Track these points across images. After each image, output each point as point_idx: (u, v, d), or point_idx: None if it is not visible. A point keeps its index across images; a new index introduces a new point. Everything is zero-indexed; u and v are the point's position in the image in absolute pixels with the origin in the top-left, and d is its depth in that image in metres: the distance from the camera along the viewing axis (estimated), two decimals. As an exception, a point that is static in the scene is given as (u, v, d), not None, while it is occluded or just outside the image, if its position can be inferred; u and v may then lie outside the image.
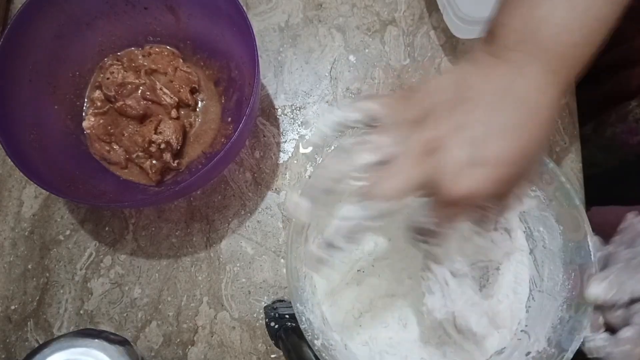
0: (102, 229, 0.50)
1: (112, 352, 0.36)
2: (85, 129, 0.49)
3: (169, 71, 0.50)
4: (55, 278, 0.49)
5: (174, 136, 0.47)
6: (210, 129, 0.51)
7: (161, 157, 0.47)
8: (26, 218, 0.50)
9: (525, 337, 0.41)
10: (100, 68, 0.51)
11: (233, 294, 0.48)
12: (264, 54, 0.54)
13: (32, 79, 0.45)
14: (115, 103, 0.49)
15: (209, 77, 0.52)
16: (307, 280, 0.42)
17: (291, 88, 0.53)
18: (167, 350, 0.47)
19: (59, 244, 0.50)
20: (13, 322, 0.48)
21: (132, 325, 0.48)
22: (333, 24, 0.55)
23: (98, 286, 0.49)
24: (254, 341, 0.47)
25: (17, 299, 0.48)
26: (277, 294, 0.48)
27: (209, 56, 0.51)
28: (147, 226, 0.50)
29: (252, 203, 0.50)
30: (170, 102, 0.49)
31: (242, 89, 0.48)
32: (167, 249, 0.49)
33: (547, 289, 0.41)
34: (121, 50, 0.51)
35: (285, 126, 0.52)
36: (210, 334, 0.47)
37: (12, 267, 0.49)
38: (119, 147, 0.49)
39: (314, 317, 0.40)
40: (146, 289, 0.48)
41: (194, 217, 0.50)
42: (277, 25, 0.55)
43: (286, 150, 0.52)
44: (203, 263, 0.49)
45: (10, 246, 0.50)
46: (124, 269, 0.49)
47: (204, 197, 0.50)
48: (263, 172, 0.51)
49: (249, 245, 0.49)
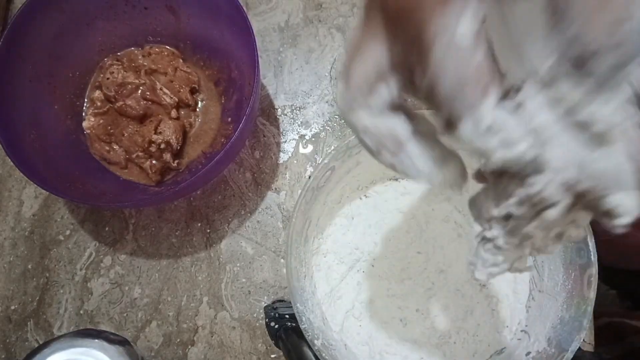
0: (102, 229, 0.50)
1: (112, 352, 0.36)
2: (85, 129, 0.49)
3: (169, 71, 0.50)
4: (55, 278, 0.49)
5: (174, 136, 0.47)
6: (210, 129, 0.51)
7: (161, 157, 0.47)
8: (26, 218, 0.50)
9: (526, 337, 0.41)
10: (100, 68, 0.51)
11: (233, 294, 0.48)
12: (264, 54, 0.54)
13: (32, 79, 0.45)
14: (115, 103, 0.49)
15: (209, 77, 0.52)
16: (307, 280, 0.42)
17: (291, 88, 0.53)
18: (167, 350, 0.47)
19: (59, 244, 0.50)
20: (13, 322, 0.48)
21: (132, 325, 0.48)
22: (333, 24, 0.55)
23: (98, 286, 0.49)
24: (254, 341, 0.47)
25: (17, 299, 0.48)
26: (277, 294, 0.48)
27: (209, 56, 0.51)
28: (147, 226, 0.50)
29: (252, 203, 0.50)
30: (170, 102, 0.49)
31: (242, 89, 0.48)
32: (167, 249, 0.49)
33: (547, 289, 0.41)
34: (121, 50, 0.51)
35: (285, 126, 0.52)
36: (210, 334, 0.47)
37: (12, 267, 0.49)
38: (119, 147, 0.48)
39: (314, 317, 0.40)
40: (146, 289, 0.48)
41: (194, 217, 0.50)
42: (277, 25, 0.55)
43: (286, 150, 0.52)
44: (203, 263, 0.49)
45: (10, 246, 0.50)
46: (124, 269, 0.49)
47: (204, 197, 0.50)
48: (263, 172, 0.51)
49: (249, 245, 0.49)
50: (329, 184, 0.43)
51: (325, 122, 0.52)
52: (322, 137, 0.52)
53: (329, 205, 0.45)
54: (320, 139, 0.52)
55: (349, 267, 0.44)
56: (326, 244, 0.45)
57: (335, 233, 0.45)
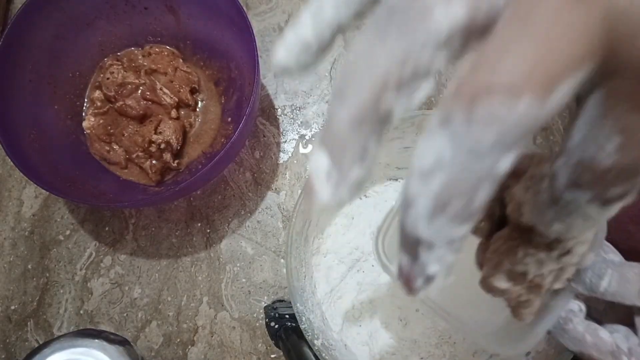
0: (102, 229, 0.50)
1: (112, 352, 0.36)
2: (85, 129, 0.49)
3: (169, 71, 0.50)
4: (55, 278, 0.49)
5: (174, 136, 0.47)
6: (210, 129, 0.51)
7: (161, 157, 0.47)
8: (26, 218, 0.50)
9: (525, 337, 0.41)
10: (100, 68, 0.51)
11: (233, 294, 0.48)
12: (264, 54, 0.54)
13: (32, 79, 0.46)
14: (115, 103, 0.49)
15: (209, 77, 0.52)
16: (307, 280, 0.42)
17: (291, 88, 0.53)
18: (167, 350, 0.47)
19: (59, 244, 0.50)
20: (13, 322, 0.48)
21: (132, 325, 0.48)
22: (333, 24, 0.55)
23: (98, 286, 0.49)
24: (254, 341, 0.47)
25: (17, 299, 0.48)
26: (277, 294, 0.48)
27: (209, 56, 0.51)
28: (147, 226, 0.50)
29: (252, 203, 0.50)
30: (170, 102, 0.49)
31: (242, 89, 0.48)
32: (167, 249, 0.49)
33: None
34: (121, 50, 0.51)
35: (285, 126, 0.52)
36: (210, 334, 0.47)
37: (12, 267, 0.49)
38: (119, 147, 0.49)
39: (314, 317, 0.40)
40: (146, 289, 0.48)
41: (194, 217, 0.50)
42: (277, 25, 0.55)
43: (286, 150, 0.52)
44: (203, 263, 0.49)
45: (10, 246, 0.50)
46: (124, 269, 0.49)
47: (204, 197, 0.50)
48: (263, 172, 0.51)
49: (249, 245, 0.49)
50: (329, 184, 0.43)
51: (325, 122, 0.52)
52: (322, 137, 0.52)
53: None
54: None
55: (349, 267, 0.44)
56: (326, 244, 0.45)
57: (335, 233, 0.45)
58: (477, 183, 0.12)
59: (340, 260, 0.44)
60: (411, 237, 0.13)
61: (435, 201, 0.12)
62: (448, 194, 0.12)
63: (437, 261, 0.13)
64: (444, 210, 0.12)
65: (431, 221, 0.12)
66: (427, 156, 0.12)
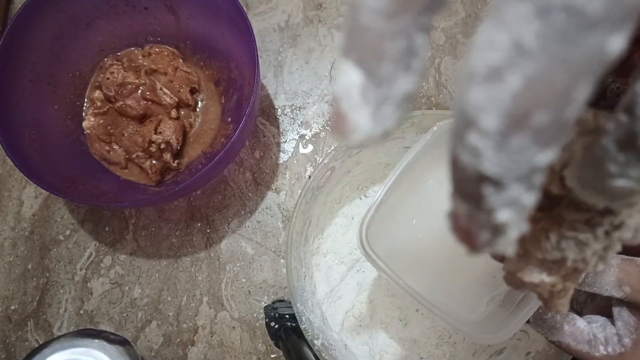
0: (102, 229, 0.50)
1: (112, 352, 0.36)
2: (85, 129, 0.49)
3: (169, 71, 0.50)
4: (55, 278, 0.49)
5: (174, 136, 0.47)
6: (210, 129, 0.51)
7: (161, 157, 0.47)
8: (26, 218, 0.50)
9: (525, 337, 0.41)
10: (100, 68, 0.51)
11: (233, 294, 0.48)
12: (264, 54, 0.54)
13: (32, 79, 0.45)
14: (115, 103, 0.49)
15: (209, 77, 0.52)
16: (307, 280, 0.42)
17: (291, 88, 0.53)
18: (167, 350, 0.47)
19: (59, 244, 0.50)
20: (13, 322, 0.48)
21: (132, 325, 0.48)
22: (333, 24, 0.55)
23: (98, 286, 0.49)
24: (254, 341, 0.47)
25: (17, 299, 0.48)
26: (277, 294, 0.48)
27: (209, 56, 0.51)
28: (147, 226, 0.50)
29: (252, 203, 0.50)
30: (170, 102, 0.49)
31: (242, 89, 0.48)
32: (167, 249, 0.49)
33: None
34: (121, 50, 0.51)
35: (285, 126, 0.52)
36: (210, 334, 0.47)
37: (12, 267, 0.49)
38: (119, 147, 0.49)
39: (314, 317, 0.40)
40: (146, 289, 0.48)
41: (194, 217, 0.50)
42: (277, 25, 0.55)
43: (286, 150, 0.52)
44: (203, 263, 0.49)
45: (10, 246, 0.50)
46: (124, 269, 0.49)
47: (204, 197, 0.50)
48: (263, 172, 0.51)
49: (249, 245, 0.49)
50: (329, 184, 0.43)
51: (325, 122, 0.52)
52: (322, 137, 0.52)
53: (329, 205, 0.45)
54: (320, 139, 0.52)
55: (349, 267, 0.44)
56: (326, 244, 0.45)
57: (335, 233, 0.45)
58: (574, 79, 0.08)
59: (341, 260, 0.44)
60: (471, 174, 0.09)
61: (509, 113, 0.08)
62: (530, 100, 0.08)
63: (510, 205, 0.10)
64: (523, 126, 0.08)
65: (502, 145, 0.09)
66: (496, 46, 0.08)
